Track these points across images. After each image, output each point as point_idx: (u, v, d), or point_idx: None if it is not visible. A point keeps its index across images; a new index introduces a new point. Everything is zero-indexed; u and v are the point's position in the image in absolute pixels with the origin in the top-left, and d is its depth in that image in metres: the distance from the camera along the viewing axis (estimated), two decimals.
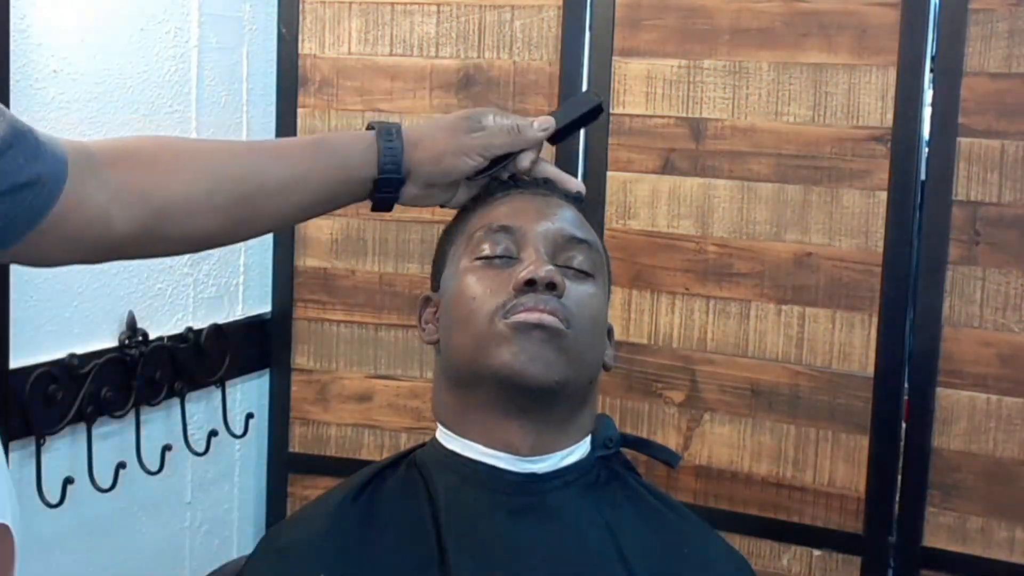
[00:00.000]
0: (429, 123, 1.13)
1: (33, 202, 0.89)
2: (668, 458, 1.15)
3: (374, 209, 1.11)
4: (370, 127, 1.10)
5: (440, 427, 1.07)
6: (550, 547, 0.98)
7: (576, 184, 1.14)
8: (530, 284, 0.98)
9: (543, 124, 1.11)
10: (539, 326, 0.96)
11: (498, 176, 1.12)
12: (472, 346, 0.99)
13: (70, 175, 0.92)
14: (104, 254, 1.00)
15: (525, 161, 1.11)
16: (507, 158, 1.11)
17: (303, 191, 1.06)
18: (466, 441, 1.03)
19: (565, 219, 1.06)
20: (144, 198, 0.97)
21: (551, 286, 0.98)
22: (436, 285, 1.12)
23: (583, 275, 1.03)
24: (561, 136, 1.15)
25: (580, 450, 1.05)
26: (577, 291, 1.01)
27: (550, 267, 0.99)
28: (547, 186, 1.11)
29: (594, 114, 1.18)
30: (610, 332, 1.11)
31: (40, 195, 0.89)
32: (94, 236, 0.95)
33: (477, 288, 1.01)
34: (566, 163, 1.83)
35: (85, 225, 0.94)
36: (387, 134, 1.07)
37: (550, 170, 1.14)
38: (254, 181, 1.04)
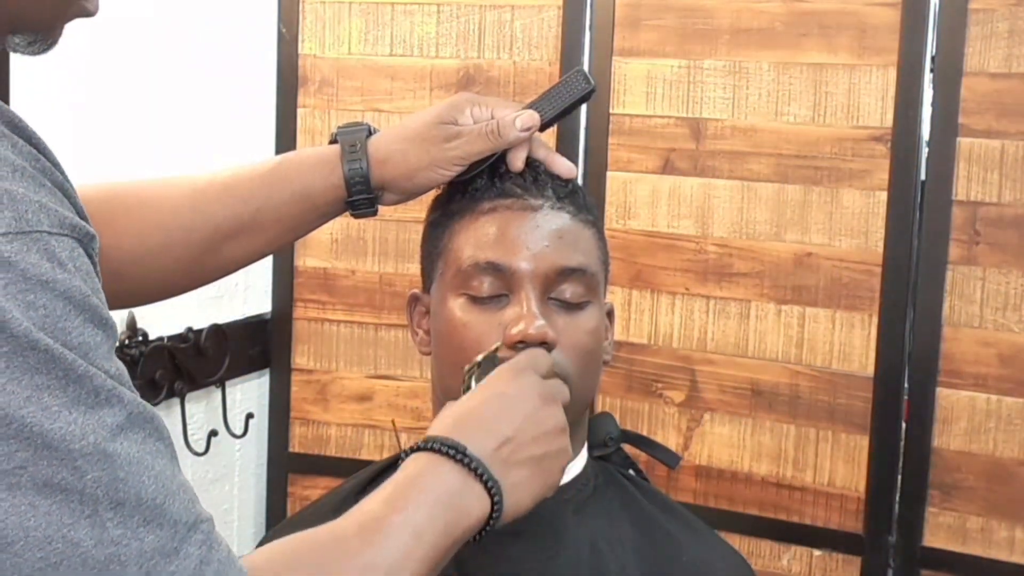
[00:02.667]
0: (398, 132, 1.03)
1: None
2: (667, 459, 1.15)
3: (356, 218, 1.06)
4: (333, 139, 1.02)
5: None
6: (545, 571, 0.98)
7: (567, 169, 1.06)
8: (522, 342, 0.96)
9: (526, 123, 1.01)
10: None
11: (481, 175, 1.05)
12: None
13: None
14: None
15: (517, 162, 1.03)
16: (490, 156, 1.03)
17: (263, 227, 1.00)
18: None
19: (556, 243, 1.00)
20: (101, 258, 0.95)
21: (543, 342, 0.96)
22: (425, 284, 1.10)
23: (576, 306, 1.01)
24: (548, 125, 1.06)
25: (576, 465, 1.05)
26: (571, 330, 0.99)
27: (540, 322, 0.96)
28: (537, 185, 1.03)
29: (585, 99, 1.08)
30: (610, 314, 1.08)
31: None
32: None
33: (467, 336, 0.98)
34: None
35: None
36: (351, 152, 0.99)
37: (540, 151, 1.05)
38: (207, 227, 0.99)
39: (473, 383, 0.92)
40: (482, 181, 1.04)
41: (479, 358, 0.94)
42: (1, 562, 0.55)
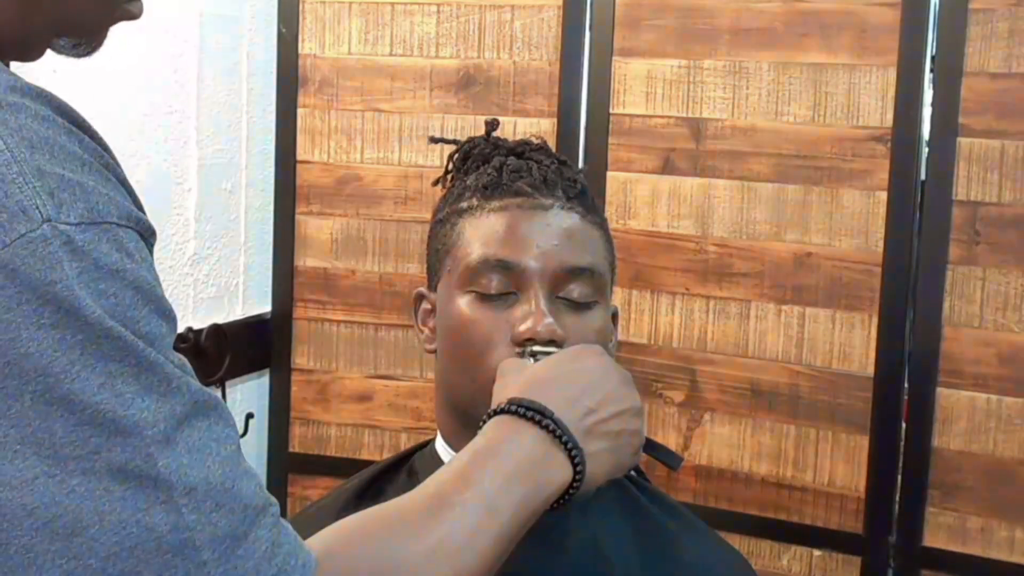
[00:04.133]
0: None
1: None
2: (669, 460, 1.14)
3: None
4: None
5: (440, 437, 1.07)
6: (547, 572, 0.98)
7: None
8: (530, 340, 0.96)
9: None
10: None
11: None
12: (470, 396, 0.98)
13: None
14: None
15: None
16: None
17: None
18: None
19: (566, 242, 1.00)
20: None
21: (551, 340, 0.96)
22: (431, 282, 1.10)
23: (584, 306, 1.00)
24: None
25: None
26: (578, 329, 0.99)
27: (549, 320, 0.96)
28: (547, 184, 1.04)
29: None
30: (615, 316, 1.08)
31: None
32: None
33: (475, 333, 0.98)
34: None
35: None
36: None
37: None
38: None
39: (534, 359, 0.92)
40: (492, 180, 1.04)
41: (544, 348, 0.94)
42: (76, 546, 0.56)
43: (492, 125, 1.11)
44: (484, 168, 1.06)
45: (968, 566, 1.71)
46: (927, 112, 1.71)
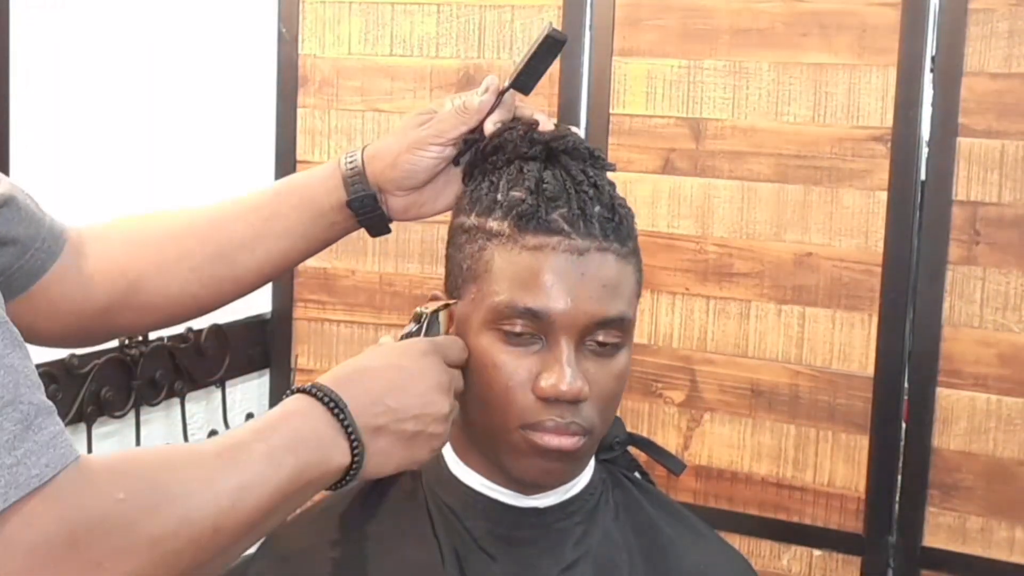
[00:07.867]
0: (387, 134, 1.10)
1: (26, 265, 0.95)
2: (672, 466, 1.14)
3: (373, 235, 1.07)
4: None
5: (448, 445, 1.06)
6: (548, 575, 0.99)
7: (546, 124, 1.05)
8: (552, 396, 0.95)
9: (486, 84, 1.04)
10: (558, 450, 0.95)
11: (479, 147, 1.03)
12: (488, 438, 0.98)
13: (64, 251, 0.98)
14: (89, 328, 1.04)
15: (489, 125, 1.04)
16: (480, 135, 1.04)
17: (275, 235, 1.05)
18: (471, 471, 1.02)
19: (599, 293, 0.96)
20: (121, 271, 1.02)
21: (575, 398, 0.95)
22: (450, 290, 1.03)
23: (611, 347, 0.97)
24: (523, 83, 1.06)
25: (585, 477, 1.05)
26: (600, 377, 0.96)
27: (572, 380, 0.94)
28: (584, 219, 0.96)
29: (552, 49, 1.05)
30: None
31: (34, 260, 0.95)
32: (77, 307, 1.00)
33: (497, 378, 0.96)
34: None
35: (68, 296, 0.99)
36: (348, 156, 1.05)
37: (524, 112, 1.07)
38: (220, 236, 1.05)
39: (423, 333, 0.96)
40: (528, 209, 0.96)
41: (435, 307, 0.98)
42: None
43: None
44: (518, 178, 0.99)
45: (968, 566, 1.71)
46: (927, 112, 1.71)
